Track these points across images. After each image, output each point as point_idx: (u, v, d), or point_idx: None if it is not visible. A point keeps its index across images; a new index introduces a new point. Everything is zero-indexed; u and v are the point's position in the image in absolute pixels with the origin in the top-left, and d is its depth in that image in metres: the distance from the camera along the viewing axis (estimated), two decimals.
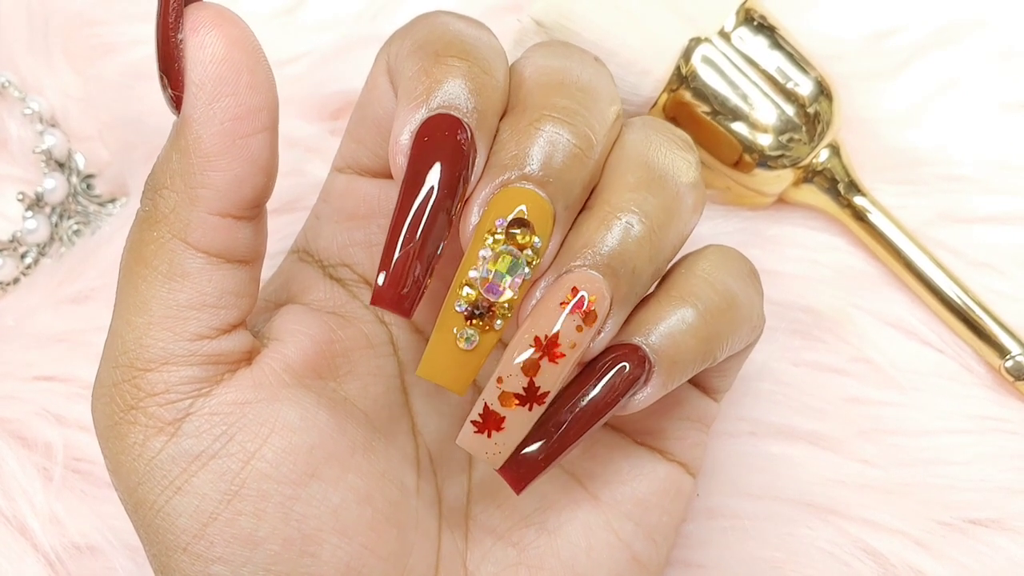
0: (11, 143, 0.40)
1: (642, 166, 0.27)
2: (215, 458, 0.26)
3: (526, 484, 0.26)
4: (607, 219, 0.26)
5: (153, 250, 0.26)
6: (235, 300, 0.26)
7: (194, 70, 0.25)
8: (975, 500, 0.36)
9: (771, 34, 0.37)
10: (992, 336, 0.37)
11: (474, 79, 0.26)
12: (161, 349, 0.26)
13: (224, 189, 0.25)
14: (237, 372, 0.27)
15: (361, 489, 0.27)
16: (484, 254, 0.25)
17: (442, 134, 0.25)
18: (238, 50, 0.25)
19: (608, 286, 0.26)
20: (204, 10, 0.25)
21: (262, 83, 0.25)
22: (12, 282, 0.39)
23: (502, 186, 0.25)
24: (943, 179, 0.39)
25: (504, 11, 0.40)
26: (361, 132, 0.29)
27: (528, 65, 0.28)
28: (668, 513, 0.30)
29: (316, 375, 0.28)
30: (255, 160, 0.25)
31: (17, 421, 0.36)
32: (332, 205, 0.30)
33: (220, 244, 0.26)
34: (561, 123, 0.26)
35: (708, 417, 0.31)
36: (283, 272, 0.31)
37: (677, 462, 0.31)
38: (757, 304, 0.29)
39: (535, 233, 0.25)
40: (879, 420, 0.37)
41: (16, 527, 0.35)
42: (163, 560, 0.26)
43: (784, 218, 0.39)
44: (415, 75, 0.26)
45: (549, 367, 0.25)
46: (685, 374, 0.27)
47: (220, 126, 0.25)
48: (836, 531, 0.36)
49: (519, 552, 0.30)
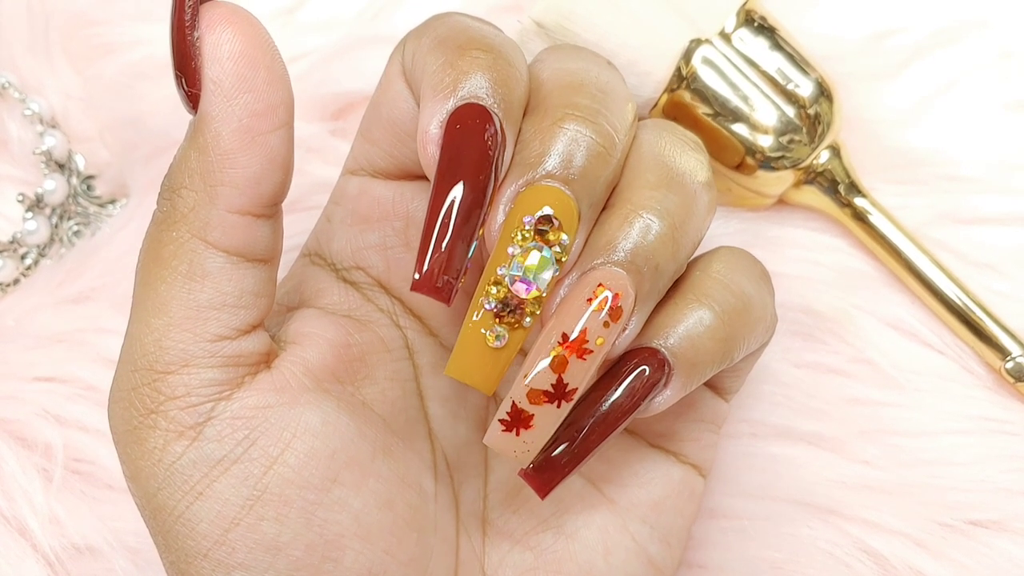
0: (11, 144, 0.40)
1: (660, 166, 0.27)
2: (237, 463, 0.25)
3: (551, 488, 0.26)
4: (629, 217, 0.26)
5: (172, 250, 0.25)
6: (254, 300, 0.26)
7: (212, 67, 0.24)
8: (976, 501, 0.36)
9: (771, 35, 0.37)
10: (993, 337, 0.37)
11: (499, 71, 0.26)
12: (181, 351, 0.25)
13: (244, 186, 0.25)
14: (257, 375, 0.26)
15: (382, 494, 0.27)
16: (512, 251, 0.25)
17: (473, 122, 0.25)
18: (255, 47, 0.25)
19: (632, 283, 0.26)
20: (219, 8, 0.25)
21: (279, 79, 0.25)
22: (12, 283, 0.39)
23: (527, 184, 0.25)
24: (943, 180, 0.39)
25: (504, 11, 0.40)
26: (375, 134, 0.29)
27: (545, 68, 0.28)
28: (682, 515, 0.30)
29: (335, 379, 0.28)
30: (274, 157, 0.25)
31: (17, 422, 0.36)
32: (345, 208, 0.30)
33: (240, 243, 0.25)
34: (584, 122, 0.26)
35: (719, 418, 0.31)
36: (295, 275, 0.31)
37: (690, 464, 0.31)
38: (769, 304, 0.29)
39: (563, 230, 0.25)
40: (880, 421, 0.37)
41: (16, 528, 0.35)
42: (182, 567, 0.26)
43: (785, 219, 0.39)
44: (440, 68, 0.26)
45: (577, 363, 0.25)
46: (704, 376, 0.27)
47: (239, 123, 0.25)
48: (837, 532, 0.36)
49: (536, 556, 0.30)
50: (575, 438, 0.26)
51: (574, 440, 0.26)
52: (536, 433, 0.25)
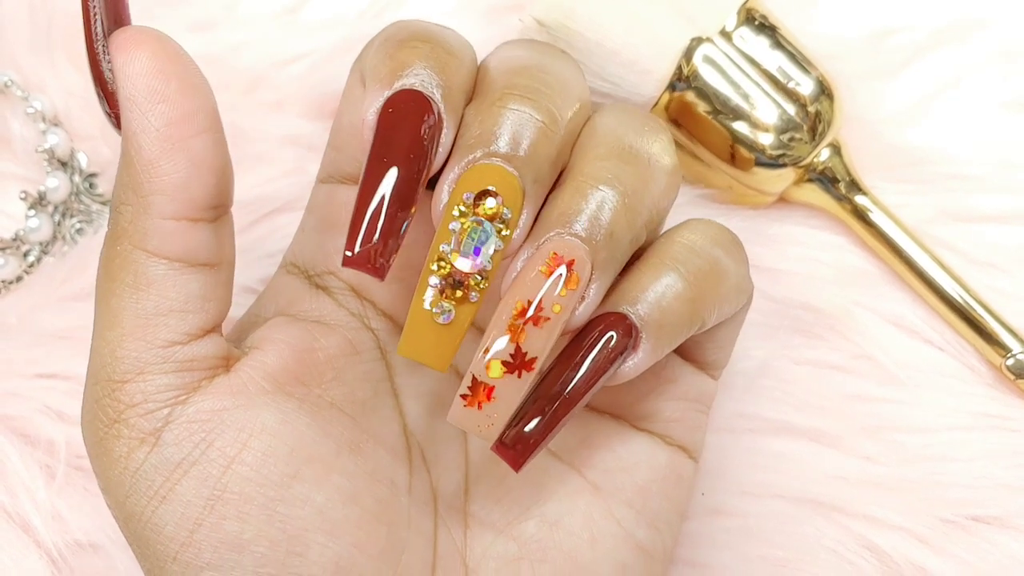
0: (14, 142, 0.40)
1: (613, 139, 0.28)
2: (196, 464, 0.26)
3: (524, 461, 0.26)
4: (580, 187, 0.27)
5: (119, 264, 0.26)
6: (202, 304, 0.27)
7: (125, 86, 0.26)
8: (977, 497, 0.36)
9: (772, 33, 0.37)
10: (993, 334, 0.37)
11: (436, 58, 0.27)
12: (135, 359, 0.26)
13: (173, 192, 0.26)
14: (215, 379, 0.27)
15: (347, 489, 0.27)
16: (454, 227, 0.25)
17: (406, 106, 0.26)
18: (164, 60, 0.26)
19: (587, 251, 0.26)
20: (125, 32, 0.26)
21: (193, 88, 0.26)
22: (15, 280, 0.39)
23: (469, 164, 0.26)
24: (944, 178, 0.39)
25: (505, 11, 0.40)
26: (339, 140, 0.30)
27: (492, 58, 0.29)
28: (670, 499, 0.30)
29: (299, 382, 0.28)
30: (199, 161, 0.26)
31: (20, 418, 0.36)
32: (316, 215, 0.31)
33: (179, 248, 0.26)
34: (523, 100, 0.27)
35: (706, 396, 0.31)
36: (272, 286, 0.31)
37: (677, 446, 0.31)
38: (742, 270, 0.29)
39: (504, 205, 0.26)
40: (881, 417, 0.37)
41: (19, 524, 0.35)
42: (156, 573, 0.27)
43: (785, 217, 0.39)
44: (380, 61, 0.27)
45: (535, 331, 0.25)
46: (674, 338, 0.27)
47: (157, 132, 0.26)
48: (838, 528, 0.36)
49: (520, 546, 0.30)
50: (545, 407, 0.26)
51: (545, 409, 0.26)
52: (498, 405, 0.25)
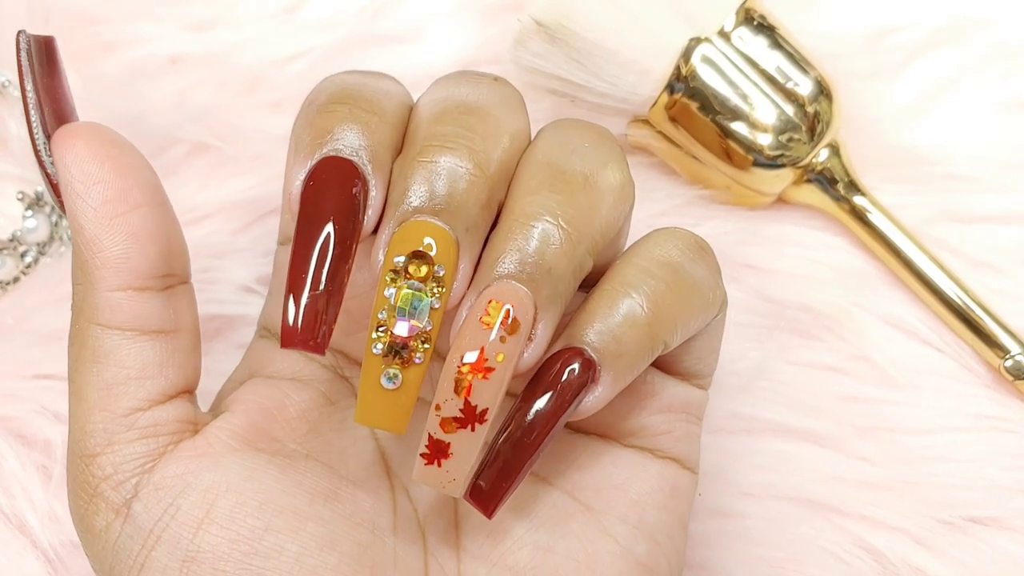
0: (11, 142, 0.40)
1: (543, 167, 0.27)
2: (167, 530, 0.27)
3: (496, 506, 0.26)
4: (513, 228, 0.26)
5: (80, 341, 0.28)
6: (160, 370, 0.28)
7: (63, 174, 0.27)
8: (975, 498, 0.36)
9: (771, 34, 0.37)
10: (991, 335, 0.37)
11: (356, 119, 0.27)
12: (103, 431, 0.27)
13: (116, 265, 0.27)
14: (180, 443, 0.28)
15: (323, 535, 0.27)
16: (388, 293, 0.26)
17: (329, 176, 0.26)
18: (97, 146, 0.27)
19: (526, 292, 0.26)
20: (63, 130, 0.28)
21: (127, 167, 0.27)
22: (12, 281, 0.39)
23: (399, 223, 0.26)
24: (943, 178, 0.39)
25: (504, 11, 0.40)
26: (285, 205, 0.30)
27: (419, 103, 0.29)
28: (666, 511, 0.30)
29: (269, 438, 0.29)
30: (138, 234, 0.27)
31: (17, 419, 0.36)
32: (280, 277, 0.31)
33: (128, 317, 0.27)
34: (442, 150, 0.26)
35: (693, 406, 0.31)
36: (248, 353, 0.32)
37: (668, 458, 0.30)
38: (707, 278, 0.28)
39: (434, 263, 0.25)
40: (878, 418, 0.37)
41: (15, 524, 0.35)
42: None
43: (784, 217, 0.39)
44: (301, 130, 0.27)
45: (482, 384, 0.25)
46: (635, 366, 0.27)
47: (94, 211, 0.27)
48: (836, 529, 0.36)
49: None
50: (508, 452, 0.26)
51: (509, 455, 0.26)
52: (456, 461, 0.26)
